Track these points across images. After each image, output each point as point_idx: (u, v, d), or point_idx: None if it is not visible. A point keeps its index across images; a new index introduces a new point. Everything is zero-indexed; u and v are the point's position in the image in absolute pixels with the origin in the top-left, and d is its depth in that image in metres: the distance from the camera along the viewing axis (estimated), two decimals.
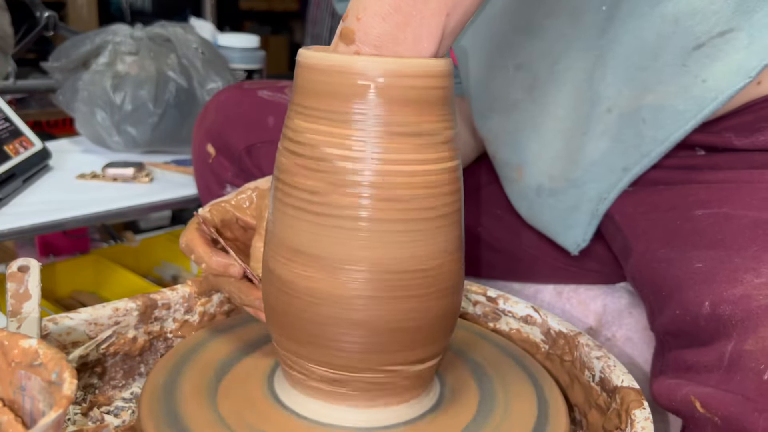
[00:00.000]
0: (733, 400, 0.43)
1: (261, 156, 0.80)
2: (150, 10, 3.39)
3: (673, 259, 0.55)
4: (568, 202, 0.68)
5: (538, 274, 0.83)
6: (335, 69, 0.43)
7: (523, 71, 0.67)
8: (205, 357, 0.57)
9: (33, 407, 0.39)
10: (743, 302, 0.46)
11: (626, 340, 0.74)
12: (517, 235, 0.79)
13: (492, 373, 0.58)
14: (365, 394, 0.49)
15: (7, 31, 1.50)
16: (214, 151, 0.83)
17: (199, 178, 0.87)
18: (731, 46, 0.56)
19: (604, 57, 0.62)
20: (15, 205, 1.03)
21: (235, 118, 0.82)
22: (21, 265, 0.52)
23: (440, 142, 0.45)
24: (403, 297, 0.46)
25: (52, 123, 2.00)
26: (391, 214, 0.44)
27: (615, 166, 0.64)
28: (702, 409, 0.45)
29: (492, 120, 0.72)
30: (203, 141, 0.84)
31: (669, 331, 0.54)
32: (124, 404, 0.59)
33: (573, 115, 0.65)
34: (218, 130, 0.82)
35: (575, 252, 0.70)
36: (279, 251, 0.47)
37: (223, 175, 0.83)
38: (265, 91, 0.83)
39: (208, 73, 1.30)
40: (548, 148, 0.67)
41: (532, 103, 0.67)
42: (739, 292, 0.47)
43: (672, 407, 0.49)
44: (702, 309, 0.48)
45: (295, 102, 0.46)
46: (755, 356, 0.44)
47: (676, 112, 0.60)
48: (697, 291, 0.49)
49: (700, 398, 0.45)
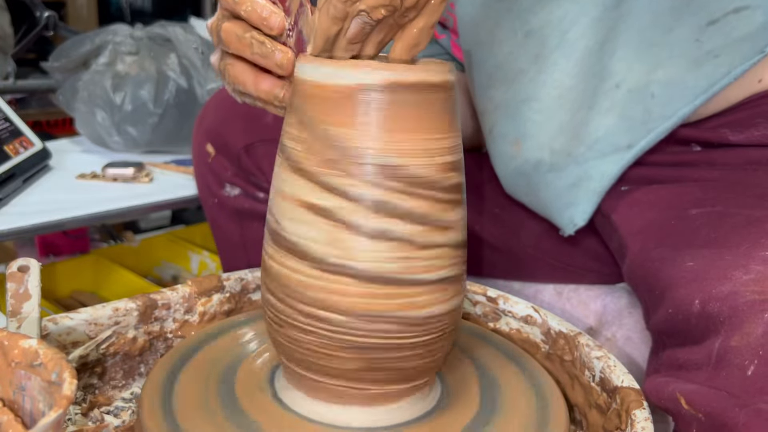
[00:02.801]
0: (716, 397, 0.43)
1: (260, 155, 0.80)
2: (150, 10, 3.39)
3: (666, 258, 0.55)
4: (569, 179, 0.66)
5: (538, 273, 0.82)
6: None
7: (533, 38, 0.66)
8: (205, 357, 0.57)
9: (33, 407, 0.39)
10: (731, 299, 0.46)
11: (626, 340, 0.74)
12: (515, 233, 0.79)
13: (492, 373, 0.58)
14: (365, 395, 0.49)
15: (7, 31, 1.50)
16: (213, 151, 0.82)
17: (199, 178, 0.87)
18: (745, 22, 0.56)
19: (616, 29, 0.61)
20: (15, 205, 1.03)
21: (234, 117, 0.81)
22: (21, 265, 0.52)
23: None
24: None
25: (52, 123, 2.00)
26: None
27: (620, 144, 0.63)
28: (687, 406, 0.44)
29: (493, 90, 0.70)
30: (203, 140, 0.84)
31: (663, 330, 0.54)
32: (124, 404, 0.59)
33: (580, 87, 0.63)
34: (217, 130, 0.82)
35: (571, 232, 0.68)
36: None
37: (222, 175, 0.83)
38: None
39: (208, 73, 1.30)
40: (552, 120, 0.65)
41: (538, 72, 0.66)
42: (727, 289, 0.46)
43: (661, 405, 0.49)
44: (693, 307, 0.48)
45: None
46: (740, 352, 0.44)
47: (686, 88, 0.60)
48: (689, 289, 0.49)
49: (685, 395, 0.45)
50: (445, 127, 0.46)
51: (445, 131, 0.46)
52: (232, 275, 0.67)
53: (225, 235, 0.86)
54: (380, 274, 0.45)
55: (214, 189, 0.84)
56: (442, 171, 0.46)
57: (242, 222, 0.83)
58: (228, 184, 0.83)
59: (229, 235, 0.85)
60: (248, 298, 0.68)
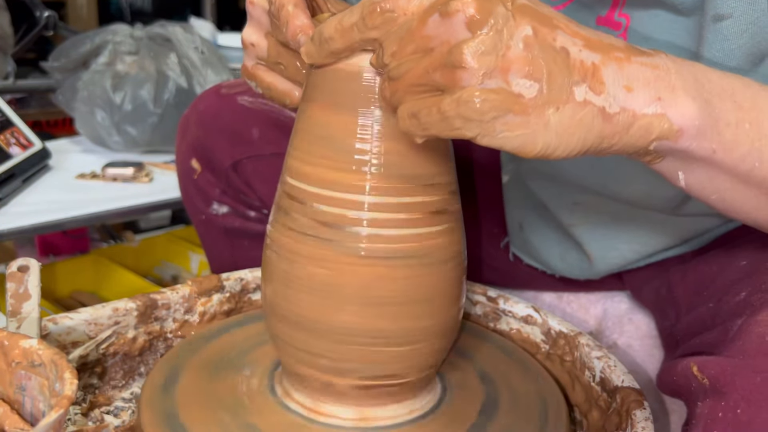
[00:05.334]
0: (729, 363, 0.43)
1: (248, 172, 0.76)
2: (150, 10, 3.38)
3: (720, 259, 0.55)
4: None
5: (537, 286, 0.82)
6: None
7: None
8: (205, 357, 0.57)
9: (33, 407, 0.39)
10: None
11: (627, 347, 0.74)
12: (517, 259, 0.79)
13: (492, 373, 0.58)
14: (365, 394, 0.49)
15: (7, 31, 1.50)
16: (199, 167, 0.78)
17: (185, 194, 0.82)
18: None
19: None
20: (15, 205, 1.03)
21: (217, 132, 0.77)
22: (21, 265, 0.51)
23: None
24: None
25: (52, 123, 1.99)
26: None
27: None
28: (697, 372, 0.44)
29: (606, 200, 0.67)
30: (187, 156, 0.79)
31: (693, 327, 0.53)
32: (124, 404, 0.58)
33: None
34: (202, 145, 0.78)
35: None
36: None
37: (210, 192, 0.79)
38: (245, 96, 0.77)
39: (208, 72, 1.30)
40: (637, 257, 0.67)
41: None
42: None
43: (673, 383, 0.48)
44: (737, 297, 0.48)
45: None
46: (764, 323, 0.43)
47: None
48: (737, 288, 0.50)
49: (698, 363, 0.44)
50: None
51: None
52: (232, 275, 0.67)
53: (215, 253, 0.83)
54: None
55: (201, 206, 0.80)
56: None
57: (232, 241, 0.80)
58: (216, 202, 0.79)
59: (219, 253, 0.82)
60: (248, 298, 0.68)
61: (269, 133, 0.75)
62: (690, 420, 0.46)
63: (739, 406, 0.40)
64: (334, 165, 0.46)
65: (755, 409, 0.39)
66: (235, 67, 1.47)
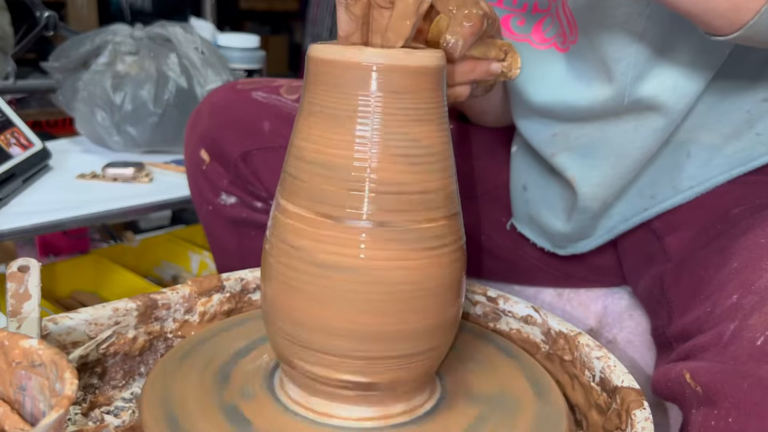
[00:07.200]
0: (720, 369, 0.43)
1: (257, 163, 0.77)
2: (150, 10, 3.39)
3: (714, 262, 0.55)
4: (592, 214, 0.68)
5: (539, 280, 0.82)
6: None
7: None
8: (205, 357, 0.57)
9: (33, 407, 0.39)
10: (761, 291, 0.46)
11: (627, 342, 0.74)
12: (519, 245, 0.79)
13: (492, 373, 0.58)
14: (366, 394, 0.49)
15: (7, 31, 1.50)
16: (208, 158, 0.80)
17: (193, 184, 0.83)
18: None
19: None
20: (15, 205, 1.03)
21: (229, 123, 0.78)
22: (21, 265, 0.52)
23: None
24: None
25: (52, 123, 1.99)
26: None
27: (644, 192, 0.65)
28: (690, 380, 0.44)
29: (576, 125, 0.67)
30: (196, 146, 0.81)
31: (687, 330, 0.54)
32: (124, 404, 0.58)
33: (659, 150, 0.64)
34: (212, 136, 0.79)
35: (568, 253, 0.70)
36: None
37: (218, 183, 0.80)
38: (259, 92, 0.79)
39: (208, 73, 1.30)
40: (618, 177, 0.66)
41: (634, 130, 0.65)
42: (764, 283, 0.47)
43: (667, 389, 0.48)
44: (729, 301, 0.48)
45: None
46: (755, 328, 0.44)
47: (724, 156, 0.61)
48: (731, 288, 0.50)
49: (690, 370, 0.45)
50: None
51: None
52: (232, 275, 0.67)
53: (221, 244, 0.84)
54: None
55: (209, 196, 0.81)
56: None
57: (239, 231, 0.81)
58: (224, 193, 0.80)
59: (225, 244, 0.83)
60: (248, 298, 0.68)
61: (280, 126, 0.76)
62: (685, 426, 0.46)
63: (731, 414, 0.40)
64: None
65: (745, 417, 0.40)
66: (235, 67, 1.47)
